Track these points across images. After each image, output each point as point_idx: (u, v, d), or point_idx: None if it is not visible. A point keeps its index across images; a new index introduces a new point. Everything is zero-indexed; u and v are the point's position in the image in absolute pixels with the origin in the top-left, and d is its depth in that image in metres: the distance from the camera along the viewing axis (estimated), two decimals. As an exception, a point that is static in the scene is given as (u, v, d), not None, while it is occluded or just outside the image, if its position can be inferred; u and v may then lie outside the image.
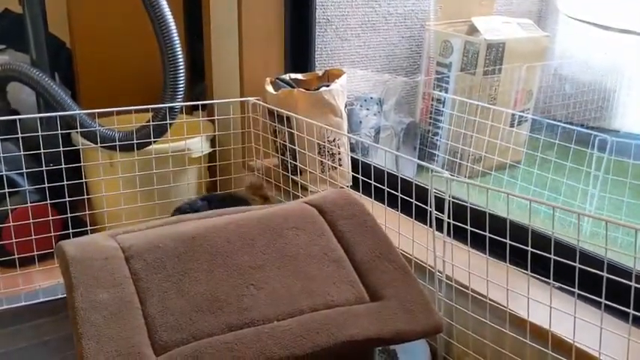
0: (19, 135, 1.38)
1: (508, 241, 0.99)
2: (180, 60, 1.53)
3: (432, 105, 2.14)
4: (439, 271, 1.15)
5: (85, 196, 1.50)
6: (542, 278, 1.01)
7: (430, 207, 1.11)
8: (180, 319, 0.88)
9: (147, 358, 0.82)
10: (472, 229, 1.07)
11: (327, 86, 1.61)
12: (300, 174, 1.62)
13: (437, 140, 2.07)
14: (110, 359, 0.80)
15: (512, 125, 2.07)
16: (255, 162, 1.81)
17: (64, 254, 0.96)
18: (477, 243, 1.11)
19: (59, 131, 1.43)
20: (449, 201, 1.08)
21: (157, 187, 1.58)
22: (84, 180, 1.58)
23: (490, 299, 1.08)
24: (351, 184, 1.61)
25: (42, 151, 1.42)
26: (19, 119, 1.39)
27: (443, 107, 2.08)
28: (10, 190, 1.51)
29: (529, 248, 0.96)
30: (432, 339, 1.24)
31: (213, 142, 1.86)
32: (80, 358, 0.80)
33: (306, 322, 0.90)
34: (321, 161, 1.58)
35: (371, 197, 1.30)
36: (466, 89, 2.05)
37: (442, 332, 1.01)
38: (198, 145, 1.75)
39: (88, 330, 0.83)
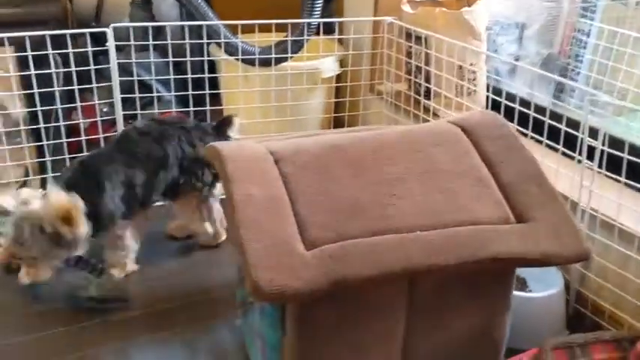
0: (169, 42, 1.44)
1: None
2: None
3: (573, 36, 1.99)
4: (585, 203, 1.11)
5: (224, 107, 1.55)
6: None
7: (583, 133, 1.06)
8: (328, 220, 0.91)
9: (298, 251, 0.86)
10: (629, 157, 1.01)
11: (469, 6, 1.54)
12: (433, 97, 1.59)
13: (576, 74, 1.94)
14: (266, 249, 0.85)
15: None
16: (385, 85, 1.79)
17: (219, 152, 1.00)
18: (628, 177, 1.06)
19: (205, 40, 1.48)
20: (604, 127, 1.02)
21: (289, 103, 1.61)
22: (221, 91, 1.63)
23: (641, 233, 1.03)
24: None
25: (188, 59, 1.48)
26: (168, 26, 1.44)
27: (587, 38, 1.94)
28: (153, 95, 1.58)
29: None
30: (566, 271, 1.21)
31: (342, 62, 1.86)
32: (239, 244, 0.85)
33: (450, 235, 0.91)
34: (457, 84, 1.54)
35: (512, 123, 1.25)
36: (615, 20, 1.88)
37: (588, 259, 0.98)
38: (329, 65, 1.75)
39: (244, 219, 0.88)
